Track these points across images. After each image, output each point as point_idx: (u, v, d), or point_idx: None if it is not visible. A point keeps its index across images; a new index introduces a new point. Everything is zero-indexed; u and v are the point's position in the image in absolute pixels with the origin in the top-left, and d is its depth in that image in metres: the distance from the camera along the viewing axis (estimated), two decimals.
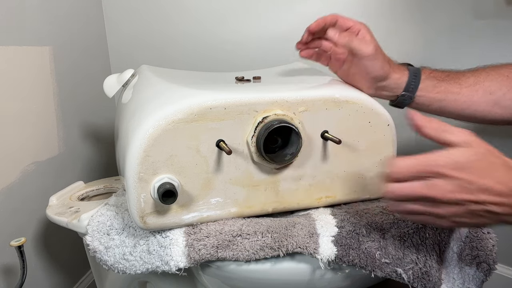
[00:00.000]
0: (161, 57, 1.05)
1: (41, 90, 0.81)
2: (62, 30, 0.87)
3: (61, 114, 0.87)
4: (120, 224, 0.56)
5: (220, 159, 0.53)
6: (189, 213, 0.53)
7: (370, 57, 0.57)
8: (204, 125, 0.51)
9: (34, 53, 0.79)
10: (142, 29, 1.04)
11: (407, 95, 0.60)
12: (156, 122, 0.49)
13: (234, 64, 1.02)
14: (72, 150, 0.91)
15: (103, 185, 0.81)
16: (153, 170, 0.50)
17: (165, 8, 1.02)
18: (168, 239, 0.53)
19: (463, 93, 0.59)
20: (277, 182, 0.56)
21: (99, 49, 1.04)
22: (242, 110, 0.52)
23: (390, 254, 0.50)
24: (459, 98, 0.59)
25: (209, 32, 1.02)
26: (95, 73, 1.00)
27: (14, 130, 0.73)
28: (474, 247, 0.56)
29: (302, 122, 0.54)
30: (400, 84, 0.60)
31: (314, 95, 0.55)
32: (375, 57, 0.57)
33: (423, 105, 0.61)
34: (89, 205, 0.69)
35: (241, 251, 0.51)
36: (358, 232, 0.52)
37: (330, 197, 0.59)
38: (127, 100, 0.66)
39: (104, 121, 1.04)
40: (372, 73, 0.58)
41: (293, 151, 0.54)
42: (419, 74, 0.60)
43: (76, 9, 0.93)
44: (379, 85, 0.60)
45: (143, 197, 0.50)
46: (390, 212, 0.56)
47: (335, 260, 0.50)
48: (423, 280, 0.50)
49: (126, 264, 0.53)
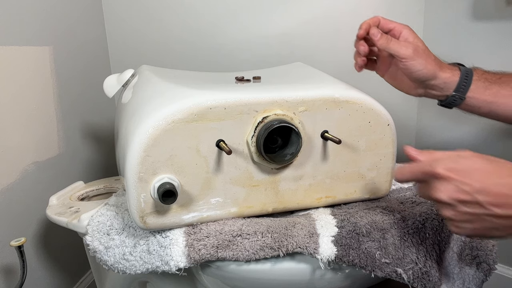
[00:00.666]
0: (161, 57, 1.05)
1: (41, 90, 0.81)
2: (62, 30, 0.87)
3: (61, 114, 0.87)
4: (120, 224, 0.56)
5: (220, 159, 0.53)
6: (189, 213, 0.53)
7: (409, 59, 0.57)
8: (204, 125, 0.51)
9: (34, 53, 0.79)
10: (142, 29, 1.04)
11: (457, 95, 0.58)
12: (156, 122, 0.49)
13: (234, 64, 1.02)
14: (72, 150, 0.91)
15: (103, 185, 0.81)
16: (153, 170, 0.50)
17: (165, 8, 1.02)
18: (168, 239, 0.53)
19: None
20: (277, 182, 0.56)
21: (99, 49, 1.04)
22: (242, 110, 0.52)
23: (390, 254, 0.50)
24: (510, 102, 0.57)
25: (209, 32, 1.02)
26: (95, 73, 1.00)
27: (14, 130, 0.73)
28: (474, 247, 0.56)
29: (302, 122, 0.54)
30: (450, 84, 0.58)
31: (314, 95, 0.55)
32: (414, 58, 0.57)
33: (473, 107, 0.60)
34: (89, 205, 0.69)
35: (241, 251, 0.51)
36: (358, 232, 0.52)
37: (330, 197, 0.59)
38: (127, 100, 0.66)
39: (104, 121, 1.04)
40: (415, 73, 0.58)
41: (293, 151, 0.54)
42: (471, 74, 0.59)
43: (76, 9, 0.93)
44: (427, 84, 0.59)
45: (143, 197, 0.50)
46: (390, 212, 0.56)
47: (335, 260, 0.50)
48: (423, 280, 0.50)
49: (126, 264, 0.53)
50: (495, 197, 0.39)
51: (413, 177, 0.44)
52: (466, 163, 0.41)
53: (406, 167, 0.44)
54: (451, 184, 0.40)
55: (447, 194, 0.41)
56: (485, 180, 0.40)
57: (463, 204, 0.40)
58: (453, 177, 0.40)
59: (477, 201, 0.40)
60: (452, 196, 0.40)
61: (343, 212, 0.57)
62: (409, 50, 0.56)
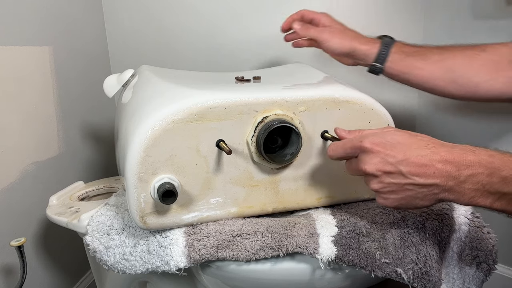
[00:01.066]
0: (161, 57, 1.05)
1: (41, 90, 0.81)
2: (62, 30, 0.87)
3: (61, 114, 0.87)
4: (120, 224, 0.56)
5: (220, 159, 0.53)
6: (189, 213, 0.53)
7: (325, 41, 0.66)
8: (204, 125, 0.51)
9: (34, 53, 0.79)
10: (142, 29, 1.04)
11: (376, 65, 0.66)
12: (156, 122, 0.49)
13: (234, 64, 1.02)
14: (72, 150, 0.91)
15: (103, 185, 0.81)
16: (153, 170, 0.50)
17: (165, 9, 1.02)
18: (168, 239, 0.52)
19: (426, 68, 0.64)
20: (277, 182, 0.56)
21: (99, 49, 1.04)
22: (242, 110, 0.52)
23: (390, 254, 0.50)
24: (421, 73, 0.65)
25: (209, 32, 1.02)
26: (95, 73, 1.00)
27: (14, 130, 0.73)
28: (474, 247, 0.56)
29: (302, 122, 0.54)
30: (370, 55, 0.66)
31: (314, 95, 0.55)
32: (329, 39, 0.66)
33: (393, 76, 0.67)
34: (89, 205, 0.69)
35: (241, 251, 0.51)
36: (358, 232, 0.52)
37: (330, 197, 0.59)
38: (127, 100, 0.66)
39: (104, 121, 1.03)
40: (334, 50, 0.67)
41: (293, 151, 0.54)
42: (390, 46, 0.66)
43: (76, 9, 0.93)
44: (350, 56, 0.67)
45: (143, 197, 0.50)
46: (390, 212, 0.56)
47: (335, 260, 0.50)
48: (423, 280, 0.50)
49: (126, 264, 0.53)
50: (416, 167, 0.42)
51: (344, 152, 0.48)
52: (390, 137, 0.45)
53: (338, 143, 0.49)
54: (378, 157, 0.44)
55: (374, 166, 0.44)
56: (407, 152, 0.43)
57: (387, 175, 0.44)
58: (379, 150, 0.44)
59: (400, 171, 0.43)
60: (378, 168, 0.44)
61: (343, 212, 0.57)
62: (325, 34, 0.67)
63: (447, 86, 0.65)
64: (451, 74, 0.64)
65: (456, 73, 0.63)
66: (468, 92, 0.64)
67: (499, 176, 0.40)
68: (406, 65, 0.65)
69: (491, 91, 0.62)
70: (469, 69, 0.63)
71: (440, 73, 0.64)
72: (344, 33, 0.67)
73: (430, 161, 0.42)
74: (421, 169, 0.42)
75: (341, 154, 0.49)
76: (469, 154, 0.41)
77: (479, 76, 0.62)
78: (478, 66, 0.63)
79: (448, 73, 0.64)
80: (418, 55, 0.66)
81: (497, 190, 0.40)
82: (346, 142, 0.48)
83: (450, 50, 0.65)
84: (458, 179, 0.41)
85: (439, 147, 0.43)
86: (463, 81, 0.63)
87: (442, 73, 0.64)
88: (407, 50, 0.66)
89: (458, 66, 0.64)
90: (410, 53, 0.66)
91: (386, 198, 0.46)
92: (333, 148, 0.49)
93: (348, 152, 0.48)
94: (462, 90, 0.64)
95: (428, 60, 0.65)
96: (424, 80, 0.66)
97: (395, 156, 0.43)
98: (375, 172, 0.45)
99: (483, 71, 0.62)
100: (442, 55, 0.65)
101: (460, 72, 0.63)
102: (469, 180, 0.41)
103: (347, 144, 0.48)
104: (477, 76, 0.62)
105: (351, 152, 0.47)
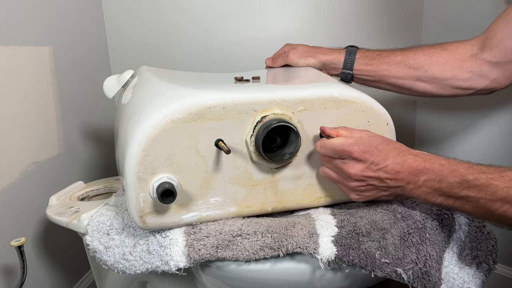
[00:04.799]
0: (161, 57, 1.05)
1: (41, 90, 0.81)
2: (62, 30, 0.87)
3: (61, 114, 0.87)
4: (120, 224, 0.56)
5: (219, 159, 0.53)
6: (189, 213, 0.53)
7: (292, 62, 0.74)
8: (203, 124, 0.51)
9: (34, 53, 0.79)
10: (142, 29, 1.04)
11: (346, 72, 0.71)
12: (155, 122, 0.49)
13: (234, 64, 1.03)
14: (72, 150, 0.91)
15: (103, 185, 0.81)
16: (152, 169, 0.50)
17: (165, 9, 1.03)
18: (168, 239, 0.52)
19: (391, 69, 0.69)
20: (276, 181, 0.56)
21: (99, 49, 1.04)
22: (241, 110, 0.52)
23: (390, 254, 0.50)
24: (387, 74, 0.69)
25: (209, 33, 1.02)
26: (95, 73, 1.00)
27: (14, 130, 0.73)
28: (474, 247, 0.56)
29: (301, 122, 0.54)
30: (338, 63, 0.72)
31: (313, 95, 0.55)
32: (295, 60, 0.73)
33: (363, 81, 0.72)
34: (89, 205, 0.69)
35: (241, 251, 0.51)
36: (358, 232, 0.52)
37: (329, 196, 0.59)
38: (126, 100, 0.66)
39: (104, 121, 1.04)
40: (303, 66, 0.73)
41: (292, 150, 0.54)
42: (354, 53, 0.71)
43: (76, 9, 0.93)
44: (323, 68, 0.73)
45: (142, 197, 0.50)
46: (390, 212, 0.56)
47: (335, 260, 0.50)
48: (423, 280, 0.50)
49: (126, 264, 0.53)
50: (391, 173, 0.51)
51: (333, 153, 0.53)
52: (374, 145, 0.51)
53: (328, 143, 0.53)
54: (363, 164, 0.51)
55: (359, 171, 0.51)
56: (386, 160, 0.50)
57: (368, 178, 0.52)
58: (366, 158, 0.51)
59: (379, 176, 0.51)
60: (362, 173, 0.51)
61: (343, 212, 0.57)
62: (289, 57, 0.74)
63: (414, 85, 0.69)
64: (415, 72, 0.68)
65: (420, 70, 0.67)
66: (435, 88, 0.68)
67: (447, 182, 0.48)
68: (372, 68, 0.70)
69: (459, 86, 0.67)
70: (431, 66, 0.67)
71: (404, 72, 0.68)
72: (308, 52, 0.73)
73: (401, 167, 0.50)
74: (394, 175, 0.51)
75: (328, 154, 0.53)
76: (426, 162, 0.50)
77: (443, 73, 0.66)
78: (440, 64, 0.66)
79: (411, 71, 0.68)
80: (382, 57, 0.70)
81: (445, 193, 0.49)
82: (337, 145, 0.52)
83: (412, 50, 0.69)
84: (416, 183, 0.50)
85: (407, 154, 0.51)
86: (427, 78, 0.68)
87: (406, 72, 0.68)
88: (371, 54, 0.71)
89: (420, 64, 0.67)
90: (373, 57, 0.70)
91: (361, 195, 0.54)
92: (323, 145, 0.53)
93: (335, 154, 0.53)
94: (429, 87, 0.68)
95: (391, 62, 0.69)
96: (391, 81, 0.70)
97: (377, 164, 0.51)
98: (358, 176, 0.52)
99: (447, 69, 0.66)
100: (405, 55, 0.69)
101: (423, 70, 0.67)
102: (424, 184, 0.50)
103: (338, 147, 0.52)
104: (441, 73, 0.66)
105: (338, 155, 0.52)
